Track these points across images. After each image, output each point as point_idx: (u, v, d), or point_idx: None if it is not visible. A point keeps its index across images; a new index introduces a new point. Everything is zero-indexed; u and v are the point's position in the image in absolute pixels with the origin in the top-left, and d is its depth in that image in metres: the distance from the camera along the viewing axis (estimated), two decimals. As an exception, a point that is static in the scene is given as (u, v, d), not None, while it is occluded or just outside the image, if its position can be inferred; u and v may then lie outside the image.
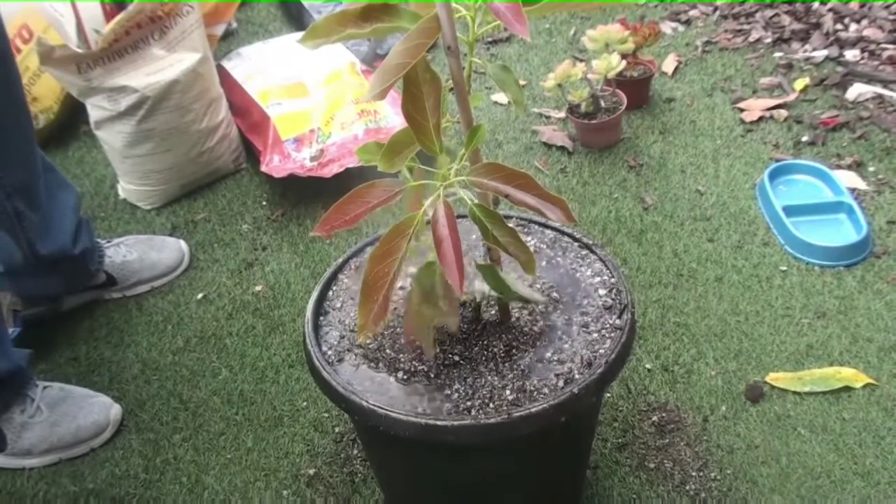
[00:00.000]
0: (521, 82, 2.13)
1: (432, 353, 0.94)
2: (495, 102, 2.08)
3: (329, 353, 0.99)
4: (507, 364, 0.95)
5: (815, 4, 2.26)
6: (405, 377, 0.95)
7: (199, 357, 1.51)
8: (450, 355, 0.97)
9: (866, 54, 2.08)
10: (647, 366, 1.39)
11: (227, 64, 2.06)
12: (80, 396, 1.40)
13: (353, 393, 0.92)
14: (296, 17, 2.44)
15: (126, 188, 1.88)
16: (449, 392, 0.93)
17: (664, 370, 1.39)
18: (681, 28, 2.28)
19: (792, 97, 1.96)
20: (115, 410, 1.40)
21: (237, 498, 1.27)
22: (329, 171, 1.74)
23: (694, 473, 1.24)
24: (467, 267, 0.92)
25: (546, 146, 1.91)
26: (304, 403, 1.40)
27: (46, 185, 1.45)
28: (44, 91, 2.04)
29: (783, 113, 1.91)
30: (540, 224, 1.14)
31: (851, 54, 2.07)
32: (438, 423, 0.87)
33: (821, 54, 2.09)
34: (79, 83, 1.68)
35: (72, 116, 2.11)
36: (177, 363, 1.50)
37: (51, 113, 2.07)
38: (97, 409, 1.39)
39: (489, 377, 0.94)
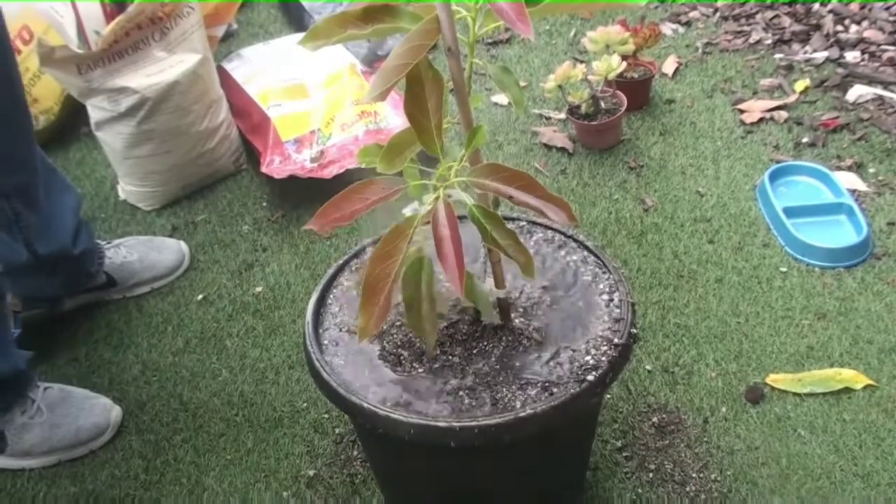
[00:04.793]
0: (522, 83, 2.13)
1: (433, 350, 0.93)
2: (495, 103, 2.08)
3: (329, 354, 0.99)
4: (507, 365, 0.95)
5: (816, 6, 2.26)
6: (405, 378, 0.95)
7: (200, 358, 1.51)
8: (450, 357, 0.97)
9: (867, 56, 2.07)
10: (648, 367, 1.39)
11: (227, 65, 2.06)
12: (80, 398, 1.40)
13: (353, 394, 0.92)
14: (296, 19, 2.43)
15: (126, 189, 1.88)
16: (449, 393, 0.93)
17: (664, 371, 1.38)
18: (681, 29, 2.28)
19: (792, 99, 1.96)
20: (116, 412, 1.40)
21: (237, 499, 1.27)
22: (329, 173, 1.73)
23: (694, 475, 1.24)
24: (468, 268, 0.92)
25: (546, 147, 1.91)
26: (305, 405, 1.40)
27: (47, 187, 1.45)
28: (44, 92, 2.04)
29: (783, 114, 1.91)
30: (540, 225, 1.14)
31: (852, 56, 2.07)
32: (438, 424, 0.87)
33: (821, 56, 2.09)
34: (79, 84, 1.68)
35: (72, 117, 2.11)
36: (177, 364, 1.50)
37: (51, 114, 2.07)
38: (97, 410, 1.39)
39: (489, 378, 0.94)
